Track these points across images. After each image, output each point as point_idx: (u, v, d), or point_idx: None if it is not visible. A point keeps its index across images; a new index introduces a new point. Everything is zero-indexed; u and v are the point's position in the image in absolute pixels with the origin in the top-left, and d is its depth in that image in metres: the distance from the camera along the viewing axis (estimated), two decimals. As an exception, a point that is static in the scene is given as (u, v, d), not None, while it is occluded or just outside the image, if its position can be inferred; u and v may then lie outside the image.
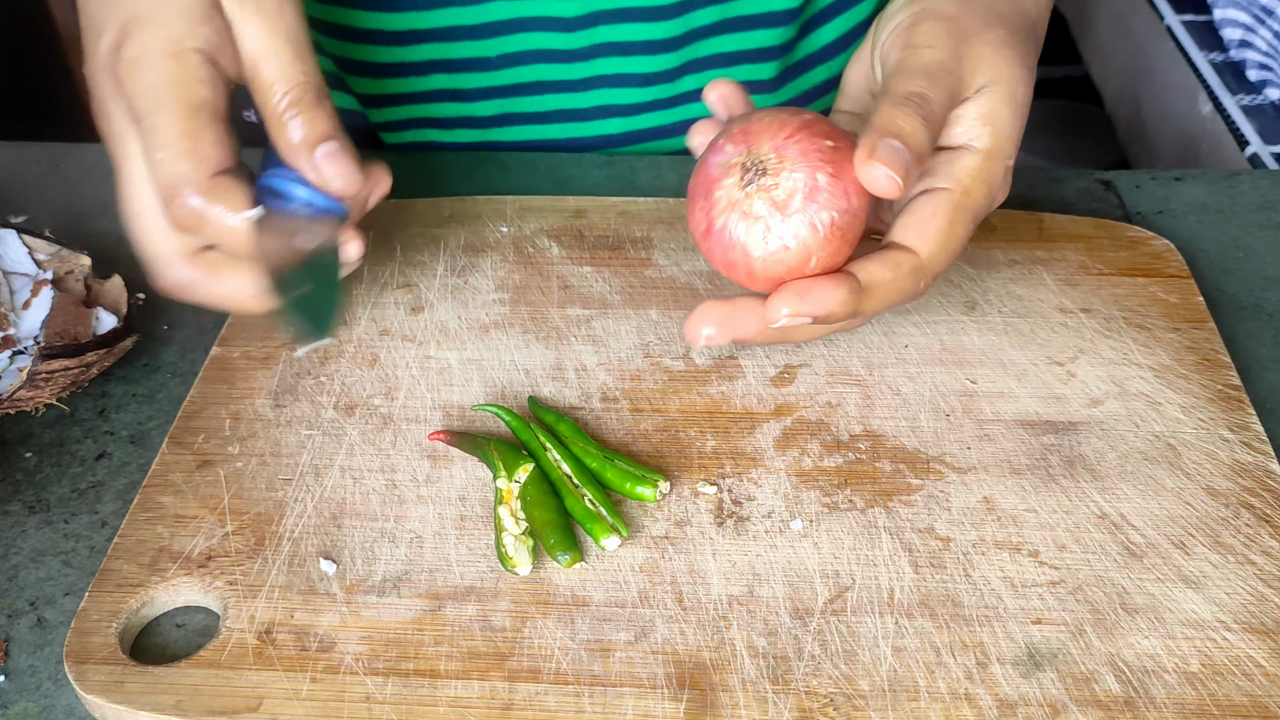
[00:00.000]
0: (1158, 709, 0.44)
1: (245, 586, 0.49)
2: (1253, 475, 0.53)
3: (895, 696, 0.44)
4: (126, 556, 0.50)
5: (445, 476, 0.53)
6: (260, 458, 0.54)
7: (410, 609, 0.48)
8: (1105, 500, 0.52)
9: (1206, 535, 0.50)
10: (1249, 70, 1.79)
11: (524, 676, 0.45)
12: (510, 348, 0.60)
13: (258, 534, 0.51)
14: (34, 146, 0.78)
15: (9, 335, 0.58)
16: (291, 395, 0.57)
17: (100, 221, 0.71)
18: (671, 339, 0.60)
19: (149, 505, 0.52)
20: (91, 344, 0.57)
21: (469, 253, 0.66)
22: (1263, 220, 0.71)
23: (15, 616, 0.50)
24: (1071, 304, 0.62)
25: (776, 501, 0.52)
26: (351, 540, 0.50)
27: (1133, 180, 0.73)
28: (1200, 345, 0.59)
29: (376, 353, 0.60)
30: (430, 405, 0.57)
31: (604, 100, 0.75)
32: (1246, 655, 0.46)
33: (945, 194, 0.50)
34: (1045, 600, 0.48)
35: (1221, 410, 0.56)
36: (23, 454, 0.57)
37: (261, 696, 0.45)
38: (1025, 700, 0.44)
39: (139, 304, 0.64)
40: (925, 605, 0.47)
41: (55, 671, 0.48)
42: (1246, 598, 0.48)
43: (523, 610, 0.48)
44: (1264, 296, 0.65)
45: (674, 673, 0.45)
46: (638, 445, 0.55)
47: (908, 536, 0.50)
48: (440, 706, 0.44)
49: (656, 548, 0.50)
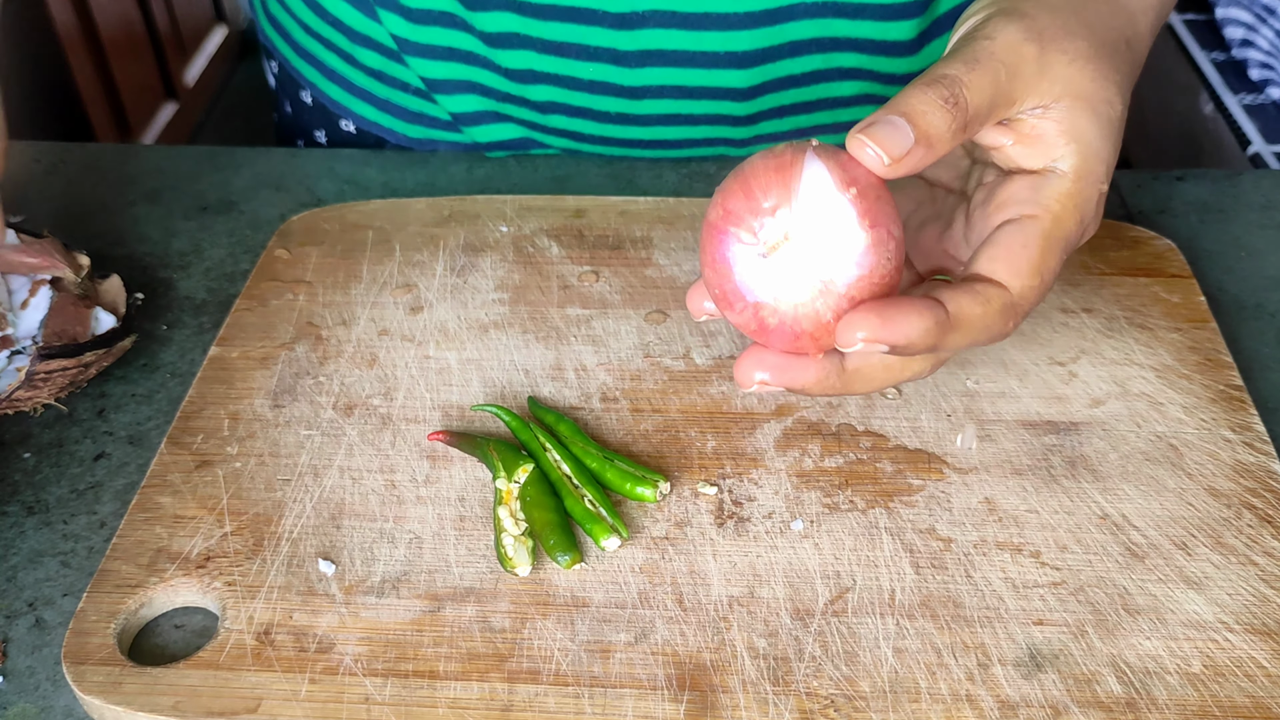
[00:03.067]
0: (1160, 710, 0.44)
1: (244, 587, 0.48)
2: (1255, 476, 0.52)
3: (896, 698, 0.44)
4: (125, 557, 0.50)
5: (444, 477, 0.53)
6: (259, 458, 0.54)
7: (409, 610, 0.48)
8: (1107, 501, 0.51)
9: (1208, 536, 0.50)
10: (1251, 69, 1.79)
11: (523, 678, 0.45)
12: (510, 348, 0.60)
13: (256, 535, 0.51)
14: (34, 146, 0.78)
15: (7, 335, 0.58)
16: (290, 395, 0.57)
17: (100, 221, 0.71)
18: (672, 339, 0.60)
19: (147, 506, 0.52)
20: (90, 344, 0.57)
21: (468, 252, 0.66)
22: (1264, 220, 0.70)
23: (13, 617, 0.50)
24: (1073, 304, 0.61)
25: (777, 502, 0.52)
26: (350, 541, 0.50)
27: (1134, 179, 0.73)
28: (1202, 345, 0.59)
29: (375, 353, 0.60)
30: (429, 405, 0.57)
31: (661, 109, 0.72)
32: (1249, 656, 0.45)
33: (1034, 222, 0.45)
34: (1047, 601, 0.47)
35: (1223, 411, 0.55)
36: (21, 454, 0.57)
37: (260, 697, 0.45)
38: (1027, 701, 0.44)
39: (138, 304, 0.64)
40: (926, 606, 0.47)
41: (53, 672, 0.47)
42: (1248, 598, 0.47)
43: (522, 611, 0.47)
44: (1266, 296, 0.65)
45: (674, 674, 0.45)
46: (638, 446, 0.55)
47: (909, 537, 0.50)
48: (439, 708, 0.44)
49: (657, 548, 0.50)
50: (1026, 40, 0.45)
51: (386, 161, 0.76)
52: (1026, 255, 0.44)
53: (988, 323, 0.44)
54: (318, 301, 0.63)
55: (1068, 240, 0.46)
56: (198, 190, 0.74)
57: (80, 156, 0.77)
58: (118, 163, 0.77)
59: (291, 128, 0.86)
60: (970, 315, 0.43)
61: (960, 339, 0.44)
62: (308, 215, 0.69)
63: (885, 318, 0.41)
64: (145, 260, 0.69)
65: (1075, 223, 0.46)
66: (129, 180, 0.75)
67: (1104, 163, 0.46)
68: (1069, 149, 0.46)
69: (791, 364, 0.44)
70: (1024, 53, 0.45)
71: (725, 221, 0.43)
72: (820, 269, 0.42)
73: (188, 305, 0.66)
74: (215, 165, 0.76)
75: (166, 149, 0.79)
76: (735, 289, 0.43)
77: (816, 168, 0.42)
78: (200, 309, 0.65)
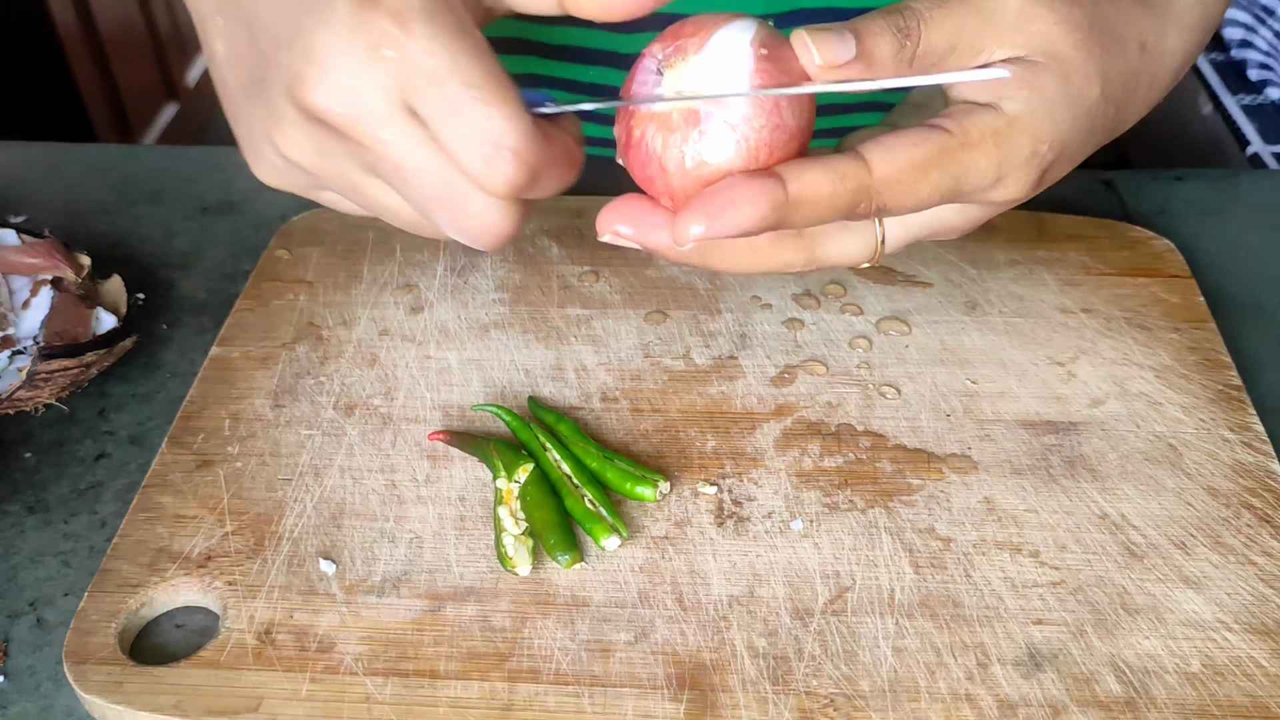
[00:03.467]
0: (1159, 709, 0.44)
1: (245, 587, 0.49)
2: (1253, 476, 0.52)
3: (896, 697, 0.44)
4: (126, 557, 0.50)
5: (445, 476, 0.53)
6: (260, 458, 0.54)
7: (410, 609, 0.48)
8: (1106, 500, 0.52)
9: (1207, 536, 0.50)
10: (1250, 70, 1.79)
11: (524, 677, 0.45)
12: (510, 347, 0.60)
13: (257, 534, 0.51)
14: (34, 146, 0.78)
15: (8, 335, 0.58)
16: (291, 395, 0.57)
17: (101, 222, 0.72)
18: (672, 339, 0.60)
19: (148, 505, 0.52)
20: (91, 344, 0.57)
21: (469, 252, 0.66)
22: (1263, 220, 0.71)
23: (15, 617, 0.50)
24: (1072, 304, 0.61)
25: (777, 502, 0.52)
26: (351, 540, 0.50)
27: (1134, 180, 0.73)
28: (1201, 345, 0.59)
29: (376, 353, 0.60)
30: (430, 405, 0.57)
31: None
32: (1247, 656, 0.46)
33: (939, 133, 0.41)
34: (1046, 600, 0.48)
35: (1222, 411, 0.55)
36: (22, 454, 0.57)
37: (261, 697, 0.45)
38: (1026, 701, 0.44)
39: (138, 304, 0.64)
40: (926, 606, 0.47)
41: (55, 672, 0.48)
42: (1247, 598, 0.47)
43: (522, 610, 0.48)
44: (1265, 296, 0.65)
45: (674, 673, 0.45)
46: (638, 445, 0.55)
47: (908, 537, 0.50)
48: (440, 707, 0.44)
49: (656, 548, 0.50)
50: None
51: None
52: (910, 149, 0.40)
53: (836, 202, 0.40)
54: (318, 302, 0.63)
55: (969, 174, 0.41)
56: (198, 191, 0.74)
57: (81, 157, 0.77)
58: (118, 163, 0.77)
59: None
60: (815, 193, 0.40)
61: (805, 216, 0.40)
62: (308, 215, 0.69)
63: (715, 213, 0.39)
64: (146, 260, 0.69)
65: (989, 163, 0.41)
66: (130, 181, 0.75)
67: (1055, 128, 0.42)
68: (1019, 94, 0.42)
69: (650, 221, 0.42)
70: (1004, 3, 0.42)
71: (646, 49, 0.43)
72: (700, 107, 0.41)
73: (188, 305, 0.66)
74: (216, 166, 0.76)
75: (167, 150, 0.79)
76: (627, 104, 0.43)
77: (745, 25, 0.41)
78: (201, 309, 0.65)
